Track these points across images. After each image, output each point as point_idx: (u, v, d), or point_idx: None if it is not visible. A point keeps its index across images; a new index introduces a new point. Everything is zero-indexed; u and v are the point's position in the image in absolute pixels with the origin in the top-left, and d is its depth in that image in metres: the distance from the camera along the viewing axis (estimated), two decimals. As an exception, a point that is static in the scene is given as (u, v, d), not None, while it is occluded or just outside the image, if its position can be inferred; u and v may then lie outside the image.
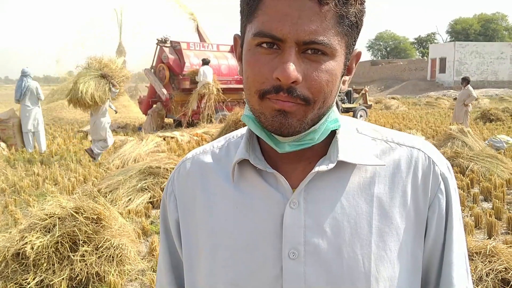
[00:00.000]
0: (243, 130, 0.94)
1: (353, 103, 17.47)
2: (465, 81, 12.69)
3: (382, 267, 0.79)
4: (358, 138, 0.87)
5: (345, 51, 0.78)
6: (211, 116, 14.62)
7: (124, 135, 13.44)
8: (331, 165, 0.80)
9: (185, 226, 0.92)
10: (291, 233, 0.80)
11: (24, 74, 10.65)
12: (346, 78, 0.84)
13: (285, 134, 0.77)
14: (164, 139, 11.53)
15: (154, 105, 15.89)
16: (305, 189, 0.81)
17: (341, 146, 0.82)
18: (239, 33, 0.86)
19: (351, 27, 0.76)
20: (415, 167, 0.84)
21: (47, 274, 3.72)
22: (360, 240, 0.79)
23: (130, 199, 6.31)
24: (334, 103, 0.83)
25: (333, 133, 0.85)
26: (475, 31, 58.69)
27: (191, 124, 14.68)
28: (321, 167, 0.80)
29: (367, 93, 18.46)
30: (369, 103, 18.60)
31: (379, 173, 0.83)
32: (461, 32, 59.04)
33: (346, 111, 17.06)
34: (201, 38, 18.51)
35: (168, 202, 0.96)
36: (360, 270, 0.78)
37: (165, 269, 1.00)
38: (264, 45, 0.75)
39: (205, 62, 14.34)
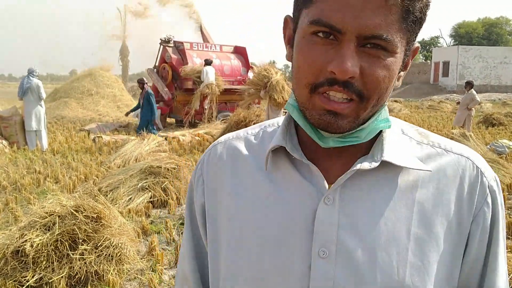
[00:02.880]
0: (279, 120, 0.90)
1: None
2: (469, 85, 12.66)
3: (417, 277, 0.74)
4: (403, 140, 0.83)
5: (405, 47, 0.73)
6: (212, 116, 14.63)
7: (126, 134, 13.44)
8: (375, 164, 0.75)
9: (211, 212, 0.88)
10: (323, 230, 0.75)
11: (28, 72, 10.69)
12: (402, 74, 0.78)
13: (332, 132, 0.74)
14: (165, 138, 11.54)
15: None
16: (342, 186, 0.76)
17: (386, 146, 0.78)
18: (291, 15, 0.80)
19: (414, 23, 0.70)
20: (462, 176, 0.79)
21: (46, 272, 3.72)
22: (396, 245, 0.74)
23: (130, 198, 6.31)
24: (387, 102, 0.79)
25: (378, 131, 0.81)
26: (478, 35, 58.58)
27: (192, 124, 14.70)
28: (363, 165, 0.75)
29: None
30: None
31: (422, 178, 0.78)
32: (464, 36, 58.92)
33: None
34: (204, 39, 18.55)
35: (196, 186, 0.92)
36: (394, 278, 0.74)
37: (189, 256, 0.96)
38: (320, 34, 0.70)
39: (208, 62, 14.37)
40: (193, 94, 14.56)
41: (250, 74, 16.64)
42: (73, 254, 3.84)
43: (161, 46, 15.87)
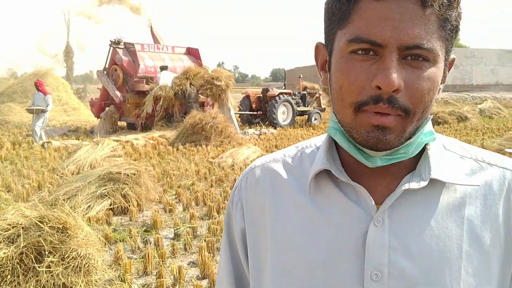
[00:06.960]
0: (316, 141, 0.90)
1: (307, 106, 17.75)
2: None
3: None
4: (446, 155, 0.80)
5: (445, 56, 0.72)
6: (171, 119, 14.45)
7: (76, 139, 13.06)
8: (423, 183, 0.74)
9: (252, 237, 0.86)
10: (375, 253, 0.73)
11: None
12: (441, 86, 0.76)
13: (381, 150, 0.72)
14: (118, 142, 11.30)
15: (107, 108, 15.54)
16: (390, 206, 0.75)
17: (433, 163, 0.76)
18: (323, 41, 0.80)
19: (452, 31, 0.71)
20: (508, 189, 0.77)
21: (11, 287, 3.57)
22: (449, 264, 0.73)
23: (89, 206, 6.14)
24: (431, 115, 0.78)
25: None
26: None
27: (145, 128, 14.46)
28: (411, 184, 0.74)
29: (320, 97, 18.86)
30: (322, 106, 18.96)
31: (470, 194, 0.76)
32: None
33: (301, 114, 17.36)
34: (155, 40, 18.29)
35: (235, 211, 0.91)
36: None
37: (228, 282, 0.94)
38: (360, 51, 0.69)
39: (162, 68, 14.30)
40: (145, 97, 14.34)
41: None
42: (39, 267, 3.71)
43: (111, 48, 15.52)
